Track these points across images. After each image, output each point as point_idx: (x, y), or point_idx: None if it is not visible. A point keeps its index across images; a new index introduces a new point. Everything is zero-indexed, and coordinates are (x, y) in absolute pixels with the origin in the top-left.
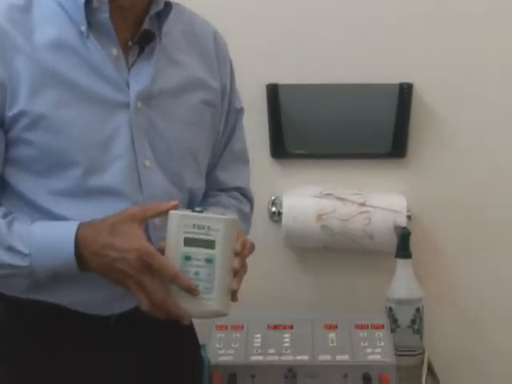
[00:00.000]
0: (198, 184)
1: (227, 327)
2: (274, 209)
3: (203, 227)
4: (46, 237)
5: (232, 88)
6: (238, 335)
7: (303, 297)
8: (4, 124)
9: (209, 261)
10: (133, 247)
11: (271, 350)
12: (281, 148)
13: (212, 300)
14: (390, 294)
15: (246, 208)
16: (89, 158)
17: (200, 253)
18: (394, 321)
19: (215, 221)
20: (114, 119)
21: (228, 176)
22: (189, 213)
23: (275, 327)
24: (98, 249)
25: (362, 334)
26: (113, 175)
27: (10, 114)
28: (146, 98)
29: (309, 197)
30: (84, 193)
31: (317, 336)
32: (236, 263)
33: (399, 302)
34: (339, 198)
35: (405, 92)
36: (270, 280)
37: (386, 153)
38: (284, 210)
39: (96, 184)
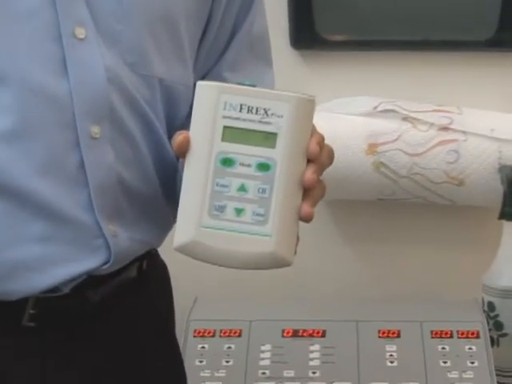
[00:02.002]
0: (178, 76)
1: (214, 333)
2: None
3: (258, 110)
4: None
5: None
6: (233, 347)
7: (343, 282)
8: None
9: (264, 167)
10: None
11: (289, 372)
12: (308, 31)
13: (268, 236)
14: (491, 279)
15: None
16: None
17: (250, 153)
18: (496, 325)
19: (280, 99)
20: None
21: (241, 79)
22: (233, 85)
23: (295, 334)
24: None
25: (443, 346)
26: (11, 50)
27: None
28: None
29: (354, 115)
30: None
31: (366, 349)
32: (309, 174)
33: (506, 293)
34: (406, 118)
35: None
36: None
37: (486, 41)
38: None
39: None
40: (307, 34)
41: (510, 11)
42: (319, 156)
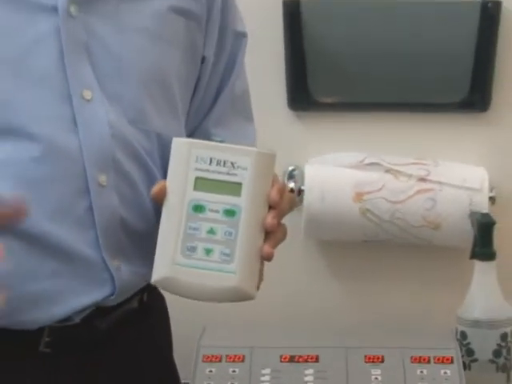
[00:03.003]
0: (172, 130)
1: (221, 358)
2: (291, 184)
3: (225, 163)
4: None
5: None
6: (237, 370)
7: (334, 314)
8: None
9: (230, 213)
10: None
11: None
12: (303, 94)
13: (233, 273)
14: (464, 312)
15: None
16: None
17: (218, 201)
18: (468, 352)
19: (244, 154)
20: (35, 28)
21: (228, 133)
22: (204, 141)
23: (293, 359)
24: None
25: (421, 370)
26: (30, 109)
27: None
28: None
29: (344, 167)
30: None
31: (354, 373)
32: (270, 219)
33: (476, 323)
34: (389, 170)
35: (489, 13)
36: (285, 288)
37: (459, 103)
38: (306, 187)
39: (4, 123)
40: (302, 97)
41: (479, 77)
42: (279, 203)
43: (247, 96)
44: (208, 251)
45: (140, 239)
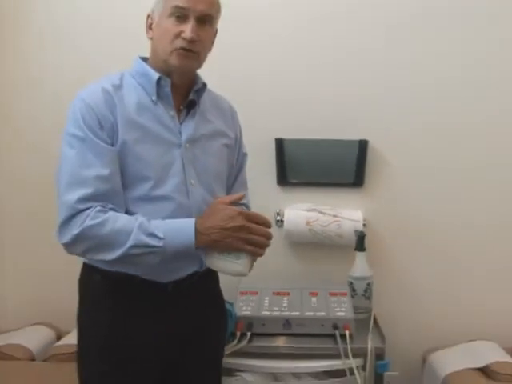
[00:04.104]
0: (223, 196)
1: (247, 292)
2: (278, 218)
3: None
4: (174, 225)
5: (240, 140)
6: (254, 298)
7: (297, 274)
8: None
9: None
10: (235, 213)
11: (275, 308)
12: (284, 179)
13: (240, 265)
14: (351, 273)
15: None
16: (155, 176)
17: None
18: (353, 290)
19: None
20: (172, 153)
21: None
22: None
23: (278, 293)
24: (210, 225)
25: (333, 299)
26: (170, 187)
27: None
28: (191, 140)
29: (301, 210)
30: (151, 199)
31: (304, 300)
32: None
33: (357, 278)
34: (320, 212)
35: (362, 146)
36: (276, 264)
37: (350, 183)
38: (285, 219)
39: (159, 193)
40: (283, 180)
41: (358, 173)
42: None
43: (246, 183)
44: (229, 253)
45: None
